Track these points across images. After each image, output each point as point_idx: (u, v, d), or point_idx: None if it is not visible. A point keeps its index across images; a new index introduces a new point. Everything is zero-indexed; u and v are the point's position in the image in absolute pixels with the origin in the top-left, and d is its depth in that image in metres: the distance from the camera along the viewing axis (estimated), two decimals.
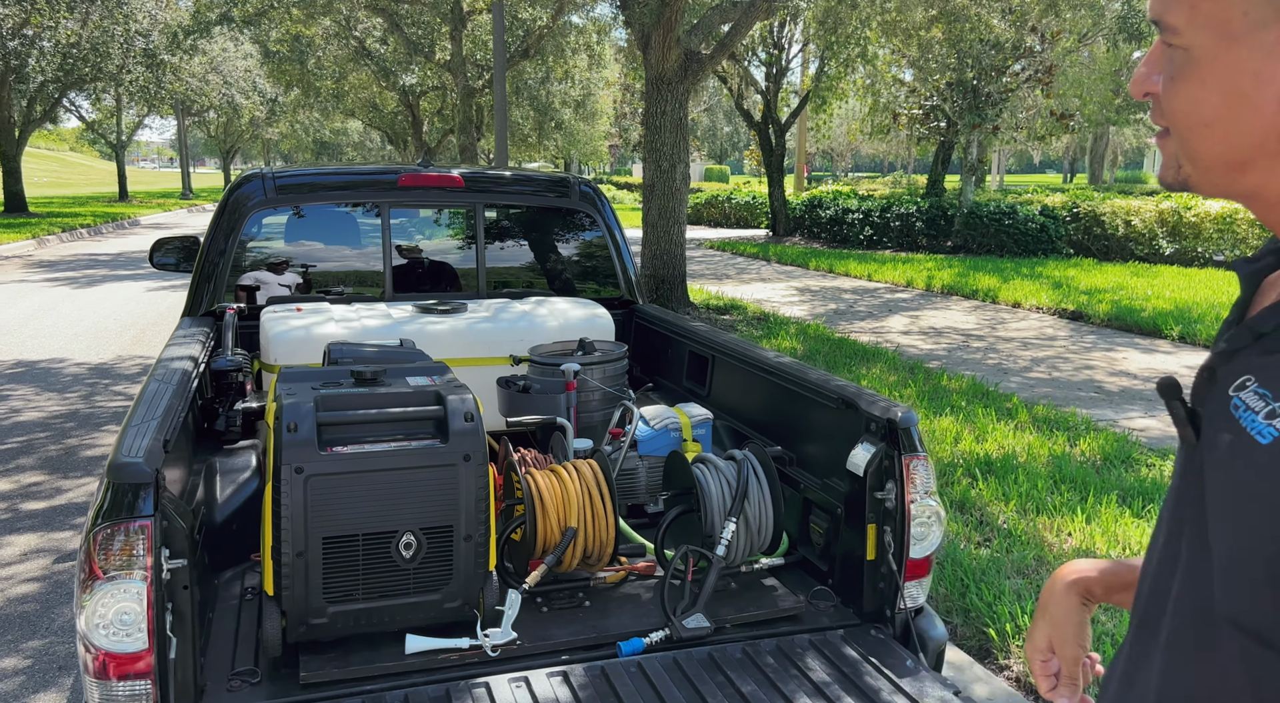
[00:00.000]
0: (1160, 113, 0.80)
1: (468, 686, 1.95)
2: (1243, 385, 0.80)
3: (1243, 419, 0.77)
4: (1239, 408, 0.78)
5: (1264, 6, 0.72)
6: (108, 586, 1.71)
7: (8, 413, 6.28)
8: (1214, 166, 0.80)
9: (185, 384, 2.38)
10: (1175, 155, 0.81)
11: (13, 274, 13.92)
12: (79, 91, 28.17)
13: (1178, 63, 0.77)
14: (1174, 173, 0.82)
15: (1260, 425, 0.75)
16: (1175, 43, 0.77)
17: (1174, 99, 0.78)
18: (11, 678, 3.15)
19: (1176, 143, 0.80)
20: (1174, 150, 0.81)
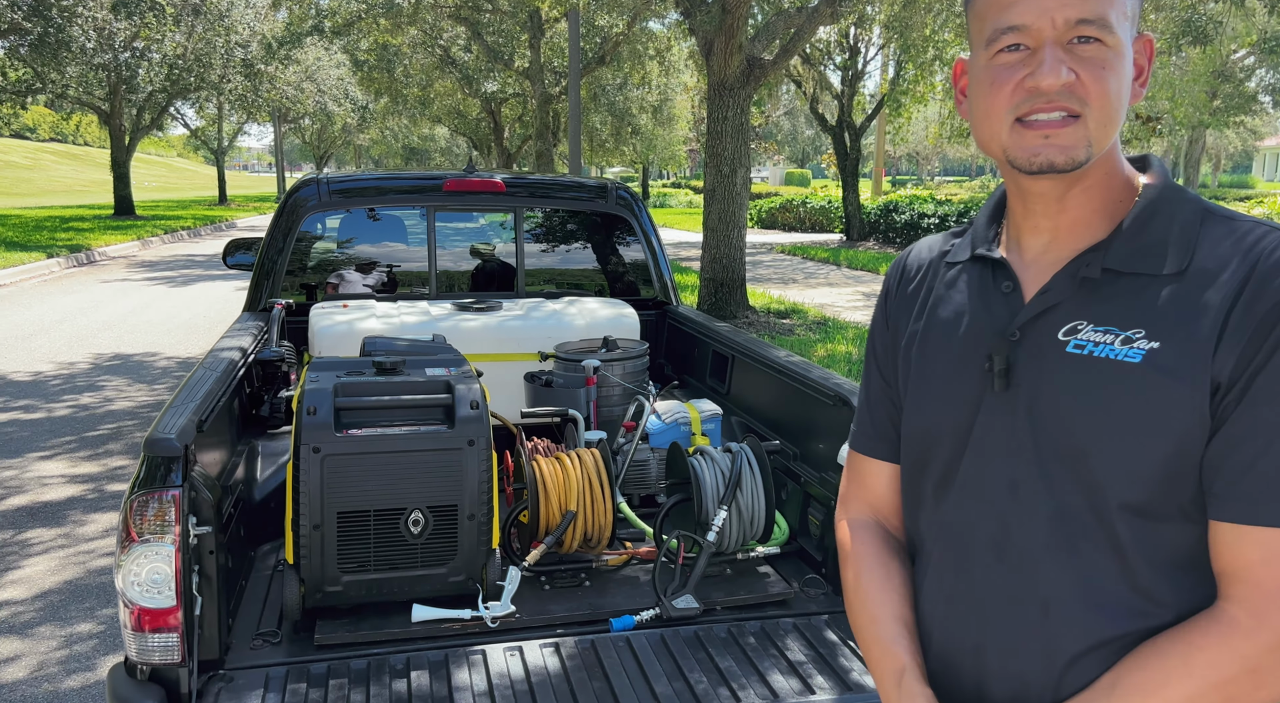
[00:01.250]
0: (1075, 100, 0.92)
1: (466, 653, 2.11)
2: (1074, 330, 0.97)
3: (1099, 352, 0.95)
4: (1085, 347, 0.96)
5: (1131, 17, 0.95)
6: (141, 548, 1.92)
7: (102, 402, 6.74)
8: (1108, 143, 0.96)
9: (230, 372, 2.60)
10: (1086, 137, 0.93)
11: (118, 273, 14.78)
12: (184, 100, 29.56)
13: (1107, 56, 0.92)
14: (1084, 151, 0.94)
15: (1123, 351, 0.94)
16: (1107, 40, 0.92)
17: (1104, 86, 0.92)
18: (87, 641, 3.44)
19: (1093, 126, 0.93)
20: (1086, 133, 0.93)
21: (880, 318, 1.21)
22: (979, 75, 0.99)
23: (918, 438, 1.10)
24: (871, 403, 1.22)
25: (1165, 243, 0.97)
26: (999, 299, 1.03)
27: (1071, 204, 1.00)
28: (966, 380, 1.04)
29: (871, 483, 1.22)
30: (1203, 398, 0.90)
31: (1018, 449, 0.99)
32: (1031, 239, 1.04)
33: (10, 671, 3.23)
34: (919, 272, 1.17)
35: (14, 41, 17.62)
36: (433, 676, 2.02)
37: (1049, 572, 0.98)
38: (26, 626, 3.54)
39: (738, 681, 2.01)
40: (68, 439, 5.83)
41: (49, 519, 4.54)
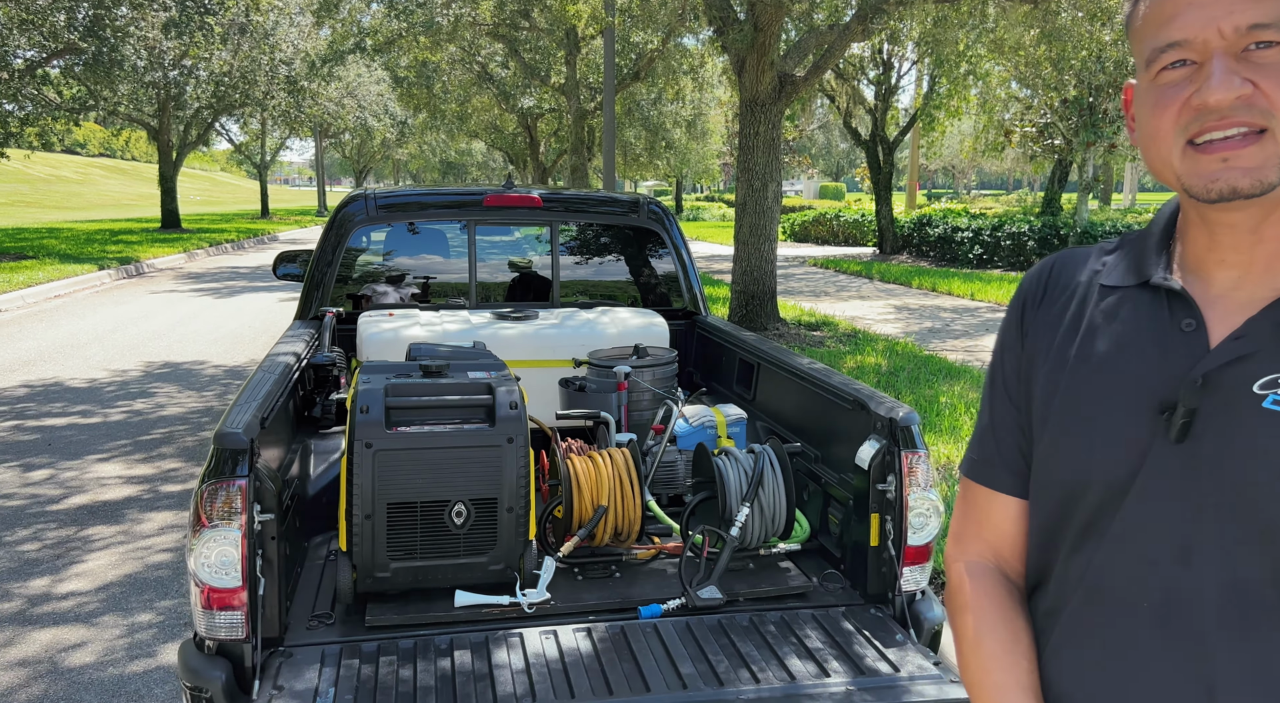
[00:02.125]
0: (1258, 112, 0.82)
1: (504, 635, 2.27)
2: (1275, 383, 0.85)
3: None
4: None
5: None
6: (211, 532, 2.10)
7: (154, 407, 7.02)
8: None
9: (286, 375, 2.80)
10: (1277, 154, 0.82)
11: (165, 285, 15.22)
12: (229, 116, 30.29)
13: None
14: (1275, 171, 0.82)
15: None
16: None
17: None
18: (146, 630, 3.65)
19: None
20: (1276, 150, 0.82)
21: (1014, 334, 1.07)
22: (1143, 97, 0.90)
23: (1062, 479, 0.98)
24: (998, 428, 1.08)
25: None
26: (1177, 338, 0.91)
27: (1269, 235, 0.88)
28: (1132, 425, 0.91)
29: (995, 520, 1.09)
30: None
31: (1193, 510, 0.87)
32: (1218, 273, 0.92)
33: (78, 655, 3.45)
34: (1066, 290, 1.04)
35: (69, 61, 18.24)
36: (474, 655, 2.19)
37: (1219, 652, 0.87)
38: (91, 615, 3.76)
39: (757, 664, 2.15)
40: (123, 442, 6.09)
41: (108, 517, 4.78)
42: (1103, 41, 11.22)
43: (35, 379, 7.87)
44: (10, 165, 33.28)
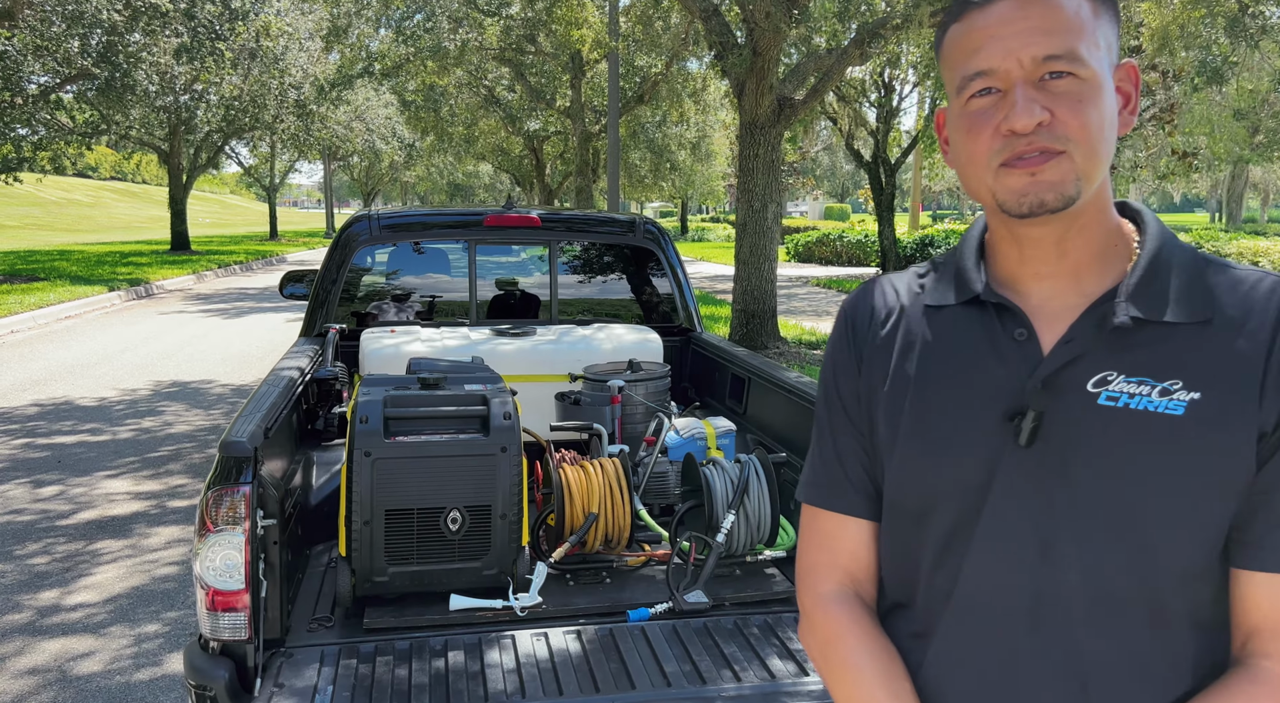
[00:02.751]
0: (1055, 138, 0.90)
1: (497, 637, 2.36)
2: (1105, 381, 0.92)
3: (1137, 405, 0.90)
4: (1119, 398, 0.91)
5: (1106, 46, 0.94)
6: (216, 537, 2.19)
7: (162, 425, 7.13)
8: (1098, 178, 0.93)
9: (290, 389, 2.90)
10: (1075, 171, 0.90)
11: (174, 306, 15.39)
12: (239, 139, 30.62)
13: (1082, 89, 0.90)
14: (1074, 186, 0.91)
15: (1163, 403, 0.89)
16: (1080, 72, 0.90)
17: (1083, 118, 0.90)
18: (153, 640, 3.74)
19: (1080, 159, 0.90)
20: (1073, 167, 0.90)
21: (848, 360, 1.09)
22: (956, 123, 0.96)
23: (919, 495, 1.00)
24: (842, 452, 1.09)
25: (1185, 290, 0.94)
26: (1012, 348, 0.96)
27: (1071, 248, 0.96)
28: (981, 434, 0.96)
29: (846, 545, 1.08)
30: (1250, 449, 0.88)
31: (1049, 509, 0.93)
32: (1033, 285, 0.99)
33: (86, 664, 3.53)
34: (891, 313, 1.07)
35: (82, 86, 18.54)
36: (467, 655, 2.28)
37: (1088, 643, 0.92)
38: (99, 626, 3.85)
39: (740, 664, 2.23)
40: (131, 459, 6.20)
41: (116, 532, 4.88)
42: None
43: (46, 398, 8.00)
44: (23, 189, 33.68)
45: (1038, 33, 0.90)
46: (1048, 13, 0.90)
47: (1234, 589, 0.92)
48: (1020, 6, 0.91)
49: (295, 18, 23.56)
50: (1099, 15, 0.93)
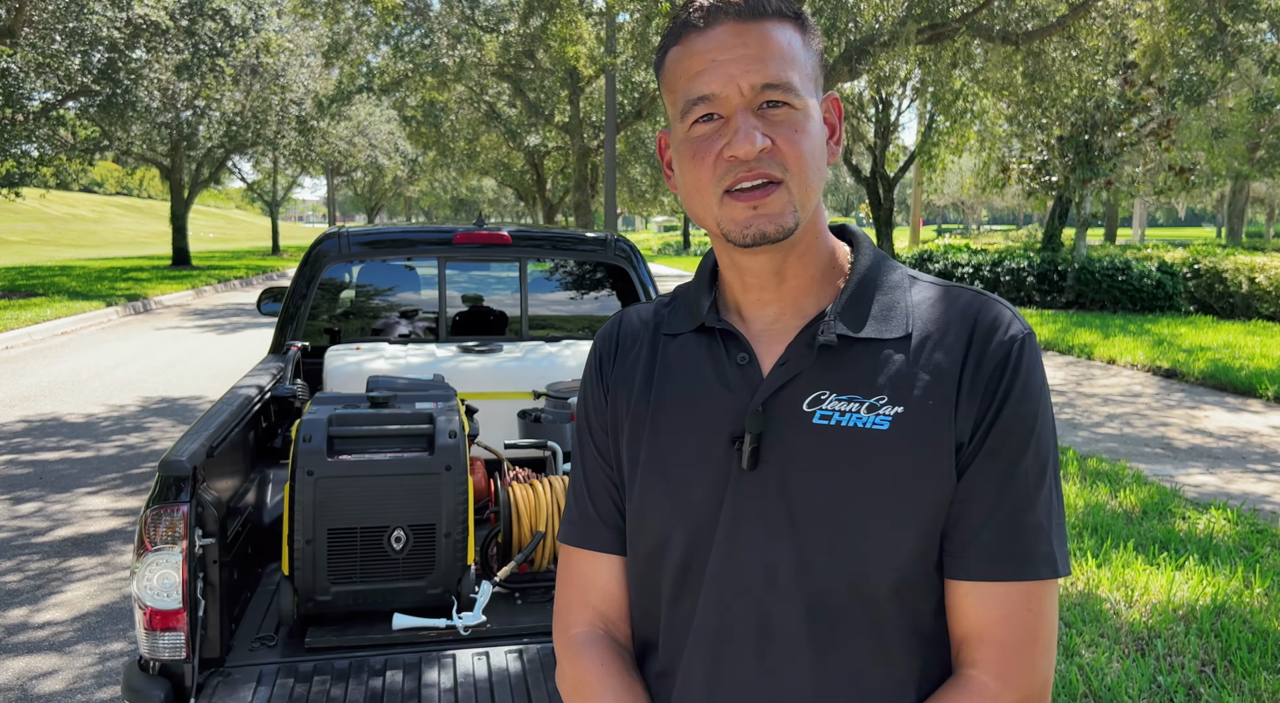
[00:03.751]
0: (775, 165, 0.91)
1: (438, 656, 2.35)
2: (818, 400, 0.94)
3: (847, 422, 0.92)
4: (831, 417, 0.92)
5: (814, 78, 0.96)
6: (154, 556, 2.19)
7: (147, 442, 7.14)
8: (812, 207, 0.95)
9: (245, 407, 2.90)
10: (791, 202, 0.92)
11: (170, 321, 15.44)
12: (241, 155, 30.79)
13: (798, 119, 0.92)
14: (792, 217, 0.92)
15: (870, 419, 0.92)
16: (795, 103, 0.91)
17: (799, 148, 0.91)
18: (117, 658, 3.73)
19: (796, 189, 0.92)
20: (790, 198, 0.92)
21: (596, 391, 1.09)
22: (680, 149, 0.96)
23: (653, 526, 1.00)
24: (591, 487, 1.07)
25: (889, 308, 0.97)
26: (736, 372, 0.98)
27: (790, 274, 0.98)
28: (709, 461, 0.96)
29: (598, 582, 1.06)
30: (950, 460, 0.91)
31: (772, 532, 0.93)
32: (757, 311, 1.01)
33: (48, 683, 3.53)
34: (635, 343, 1.08)
35: (85, 102, 18.68)
36: (405, 675, 2.27)
37: (812, 666, 0.92)
38: (65, 644, 3.85)
39: None
40: (113, 476, 6.21)
41: (91, 549, 4.88)
42: (1090, 80, 11.38)
43: (34, 414, 8.01)
44: (27, 204, 33.91)
45: (755, 61, 0.91)
46: (764, 42, 0.92)
47: (946, 601, 0.94)
48: (738, 34, 0.92)
49: (295, 34, 23.73)
50: (807, 47, 0.95)
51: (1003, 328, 0.94)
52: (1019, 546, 0.91)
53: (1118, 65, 12.99)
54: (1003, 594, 0.90)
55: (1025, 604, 0.90)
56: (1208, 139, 19.02)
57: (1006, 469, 0.91)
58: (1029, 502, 0.91)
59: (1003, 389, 0.92)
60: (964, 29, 8.90)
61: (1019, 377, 0.92)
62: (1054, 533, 0.93)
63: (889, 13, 9.26)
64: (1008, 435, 0.91)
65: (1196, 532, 4.66)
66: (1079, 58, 10.08)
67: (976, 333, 0.94)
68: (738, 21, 0.92)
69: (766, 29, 0.92)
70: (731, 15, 0.92)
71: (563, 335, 4.25)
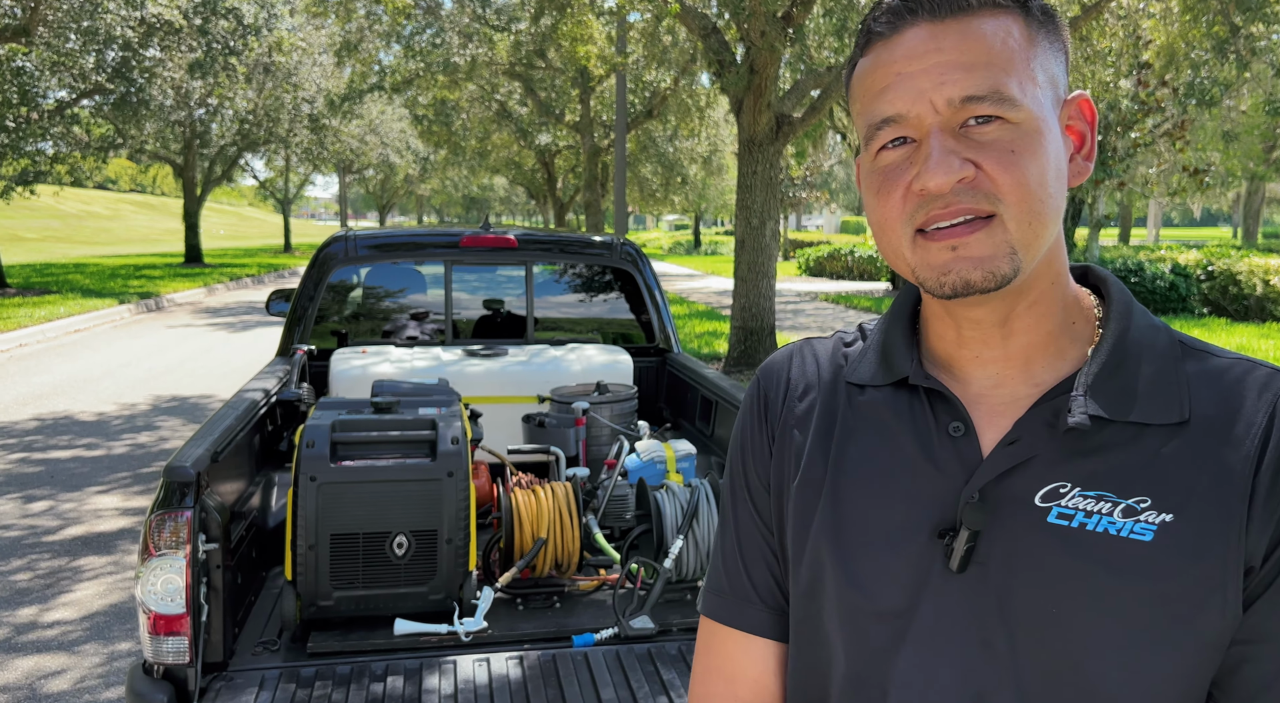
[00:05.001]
0: (983, 197, 0.72)
1: (439, 662, 2.36)
2: (1056, 493, 0.75)
3: (1095, 526, 0.73)
4: (1073, 517, 0.74)
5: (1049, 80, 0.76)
6: (158, 561, 2.21)
7: (157, 441, 7.18)
8: (1043, 245, 0.75)
9: (251, 411, 2.92)
10: (1008, 242, 0.72)
11: (182, 319, 15.52)
12: (253, 153, 30.91)
13: (1016, 136, 0.72)
14: (1008, 262, 0.73)
15: (1127, 525, 0.72)
16: (1011, 116, 0.72)
17: (1019, 173, 0.72)
18: (126, 658, 3.76)
19: (1014, 225, 0.72)
20: (1006, 237, 0.72)
21: (759, 438, 0.91)
22: (867, 180, 0.79)
23: (822, 625, 0.84)
24: (746, 555, 0.90)
25: (1155, 383, 0.76)
26: (947, 445, 0.79)
27: (1019, 328, 0.79)
28: (905, 554, 0.79)
29: (750, 673, 0.90)
30: (1235, 586, 0.71)
31: (985, 653, 0.75)
32: (975, 370, 0.81)
33: (56, 683, 3.56)
34: (810, 389, 0.90)
35: (99, 101, 18.79)
36: (406, 681, 2.28)
37: None
38: (74, 644, 3.87)
39: (676, 690, 2.22)
40: (123, 475, 6.25)
41: (100, 548, 4.91)
42: (1104, 81, 11.32)
43: (46, 413, 8.07)
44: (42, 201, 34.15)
45: (954, 68, 0.72)
46: (966, 43, 0.72)
47: None
48: (933, 36, 0.73)
49: (308, 33, 23.81)
50: (1035, 42, 0.75)
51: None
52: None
53: (1131, 66, 12.92)
54: None
55: None
56: (1223, 140, 18.89)
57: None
58: None
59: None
60: None
61: None
62: None
63: None
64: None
65: None
66: (1090, 58, 10.02)
67: (1277, 423, 0.73)
68: (932, 20, 0.74)
69: (972, 25, 0.73)
70: (925, 13, 0.74)
71: (568, 339, 4.26)
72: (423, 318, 4.19)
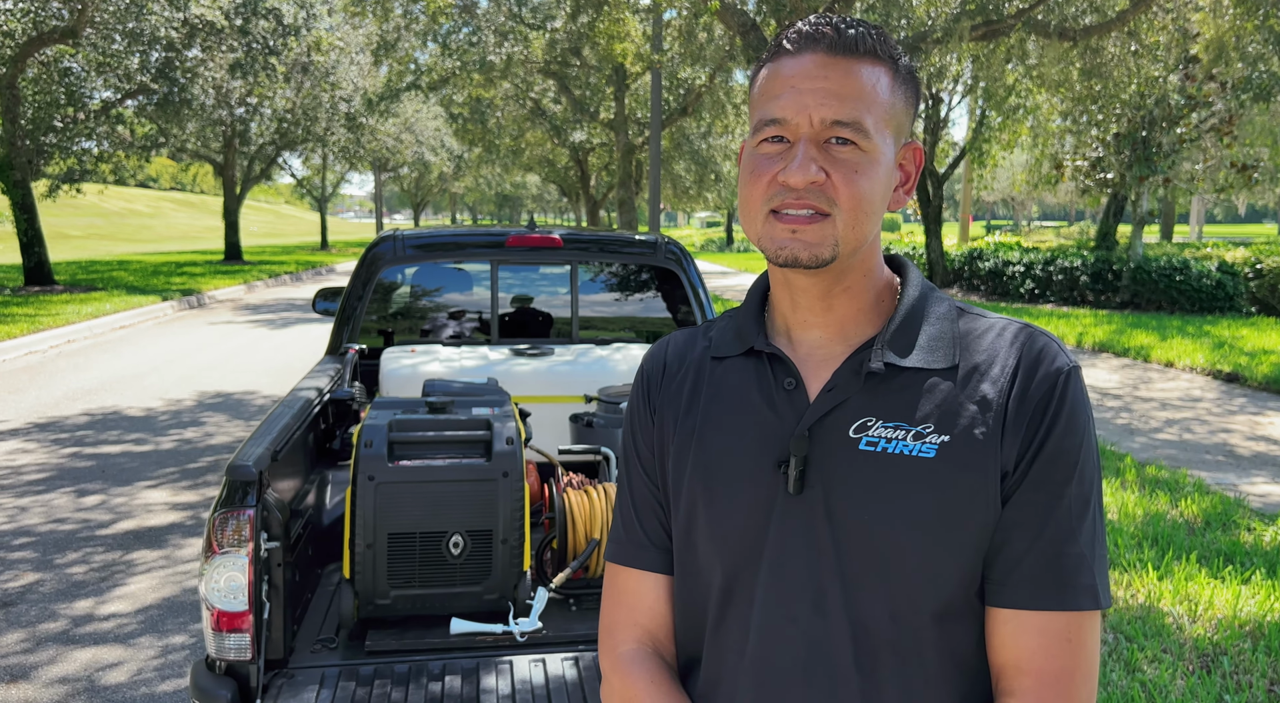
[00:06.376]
0: (824, 199, 0.92)
1: (495, 662, 2.37)
2: (865, 426, 0.95)
3: (893, 449, 0.93)
4: (877, 443, 0.94)
5: (895, 124, 0.97)
6: (221, 559, 2.24)
7: (203, 436, 7.29)
8: (861, 245, 0.96)
9: (306, 409, 2.95)
10: (834, 236, 0.93)
11: (223, 316, 15.75)
12: (291, 151, 31.27)
13: (860, 160, 0.93)
14: (830, 250, 0.94)
15: (916, 447, 0.93)
16: (862, 144, 0.93)
17: (855, 188, 0.92)
18: (180, 651, 3.82)
19: (841, 226, 0.93)
20: (834, 232, 0.93)
21: (643, 412, 1.11)
22: (745, 161, 0.98)
23: (698, 548, 1.02)
24: (638, 507, 1.10)
25: (936, 338, 0.98)
26: (783, 396, 1.00)
27: (837, 303, 1.00)
28: (755, 485, 0.98)
29: (644, 601, 1.09)
30: (995, 489, 0.92)
31: (820, 558, 0.95)
32: (803, 334, 1.03)
33: (113, 675, 3.62)
34: (682, 365, 1.10)
35: (142, 101, 19.10)
36: (464, 680, 2.29)
37: (863, 695, 0.93)
38: (129, 636, 3.95)
39: None
40: (171, 470, 6.35)
41: (152, 542, 5.00)
42: (1151, 76, 11.12)
43: (95, 408, 8.23)
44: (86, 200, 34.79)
45: (832, 96, 0.92)
46: (847, 79, 0.93)
47: (986, 629, 0.95)
48: (824, 66, 0.93)
49: (345, 32, 24.02)
50: (895, 92, 0.96)
51: (1049, 360, 0.95)
52: (1060, 575, 0.91)
53: (1178, 60, 12.68)
54: (1043, 624, 0.91)
55: (1065, 634, 0.91)
56: (1271, 134, 18.48)
57: (1050, 499, 0.92)
58: (1072, 532, 0.92)
59: (1048, 420, 0.93)
60: (1019, 25, 8.74)
61: (1065, 408, 0.93)
62: (1096, 564, 0.93)
63: (942, 9, 9.13)
64: (1052, 466, 0.92)
65: (1263, 544, 4.54)
66: (1138, 53, 9.85)
67: (1023, 364, 0.95)
68: (828, 54, 0.94)
69: (855, 66, 0.93)
70: (823, 47, 0.94)
71: (613, 338, 4.26)
72: (466, 317, 4.22)
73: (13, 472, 6.25)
